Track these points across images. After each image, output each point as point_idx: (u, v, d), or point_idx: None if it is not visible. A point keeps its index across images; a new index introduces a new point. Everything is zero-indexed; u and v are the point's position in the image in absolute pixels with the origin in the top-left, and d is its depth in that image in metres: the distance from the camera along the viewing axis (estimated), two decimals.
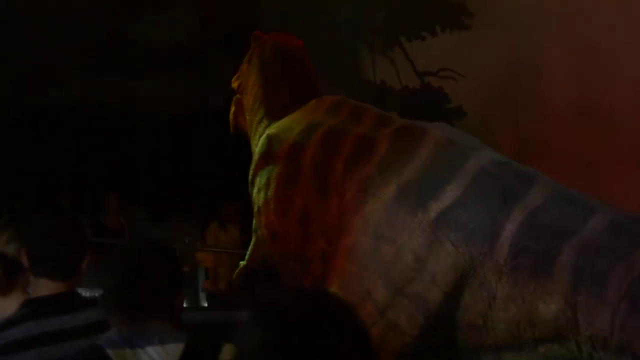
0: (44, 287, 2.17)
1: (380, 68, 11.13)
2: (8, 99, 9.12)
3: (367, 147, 3.47)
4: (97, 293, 2.12)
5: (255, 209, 3.90)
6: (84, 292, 2.39)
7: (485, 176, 3.06)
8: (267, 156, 3.87)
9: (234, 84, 4.60)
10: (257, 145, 4.03)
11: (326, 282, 3.53)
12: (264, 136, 3.99)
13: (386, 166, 3.35)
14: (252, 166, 3.99)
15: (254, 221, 4.21)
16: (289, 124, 3.89)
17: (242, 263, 4.46)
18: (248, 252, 4.34)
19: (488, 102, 9.11)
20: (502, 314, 2.79)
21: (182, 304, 2.10)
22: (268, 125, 4.07)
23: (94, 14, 9.34)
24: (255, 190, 3.90)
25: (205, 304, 7.86)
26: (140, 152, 9.78)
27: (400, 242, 3.14)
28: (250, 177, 3.98)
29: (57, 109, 9.59)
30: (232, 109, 4.62)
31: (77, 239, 2.23)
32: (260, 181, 3.86)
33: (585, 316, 2.58)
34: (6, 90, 9.01)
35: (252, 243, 4.31)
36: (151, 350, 1.92)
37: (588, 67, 8.79)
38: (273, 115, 4.11)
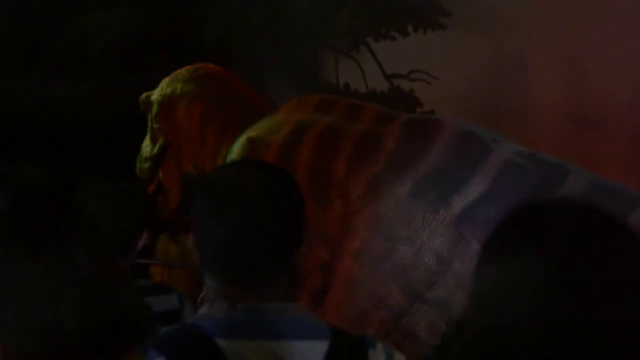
0: None
1: (345, 70, 11.14)
2: None
3: (372, 144, 3.44)
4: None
5: None
6: None
7: (513, 168, 3.07)
8: None
9: (154, 151, 4.34)
10: (233, 152, 3.93)
11: (329, 292, 3.48)
12: (242, 140, 3.88)
13: (397, 162, 3.33)
14: None
15: None
16: (272, 126, 3.80)
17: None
18: None
19: (464, 106, 9.19)
20: None
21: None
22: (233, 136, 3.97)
23: (25, 13, 9.17)
24: None
25: None
26: (75, 158, 9.60)
27: (420, 242, 3.12)
28: None
29: None
30: (168, 169, 4.41)
31: (139, 210, 2.10)
32: None
33: None
34: None
35: None
36: (283, 346, 1.34)
37: (575, 68, 8.97)
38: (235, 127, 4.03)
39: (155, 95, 4.35)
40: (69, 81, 9.73)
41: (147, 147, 4.46)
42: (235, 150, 3.86)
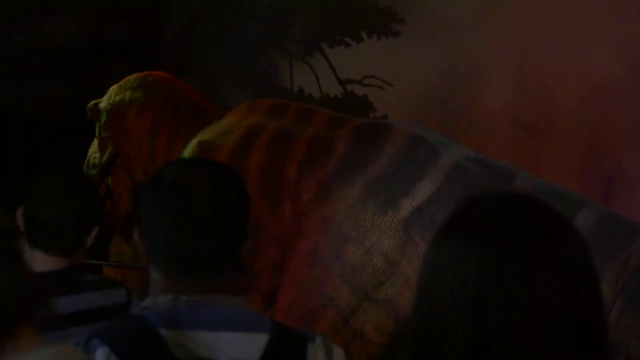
0: (38, 262, 1.94)
1: (299, 75, 11.15)
2: None
3: (323, 147, 3.47)
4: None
5: None
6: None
7: (461, 172, 3.13)
8: None
9: (102, 159, 4.33)
10: (184, 156, 3.93)
11: (279, 292, 3.51)
12: (193, 143, 3.88)
13: (348, 165, 3.37)
14: None
15: None
16: (223, 129, 3.81)
17: None
18: None
19: (416, 112, 9.29)
20: None
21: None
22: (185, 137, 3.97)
23: None
24: None
25: None
26: (23, 161, 9.48)
27: (369, 243, 3.16)
28: None
29: None
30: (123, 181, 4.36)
31: (89, 207, 2.07)
32: None
33: None
34: None
35: None
36: (224, 337, 1.37)
37: (524, 76, 9.12)
38: (186, 128, 4.02)
39: (104, 103, 4.31)
40: (22, 82, 9.62)
41: (95, 153, 4.41)
42: (187, 154, 3.86)
